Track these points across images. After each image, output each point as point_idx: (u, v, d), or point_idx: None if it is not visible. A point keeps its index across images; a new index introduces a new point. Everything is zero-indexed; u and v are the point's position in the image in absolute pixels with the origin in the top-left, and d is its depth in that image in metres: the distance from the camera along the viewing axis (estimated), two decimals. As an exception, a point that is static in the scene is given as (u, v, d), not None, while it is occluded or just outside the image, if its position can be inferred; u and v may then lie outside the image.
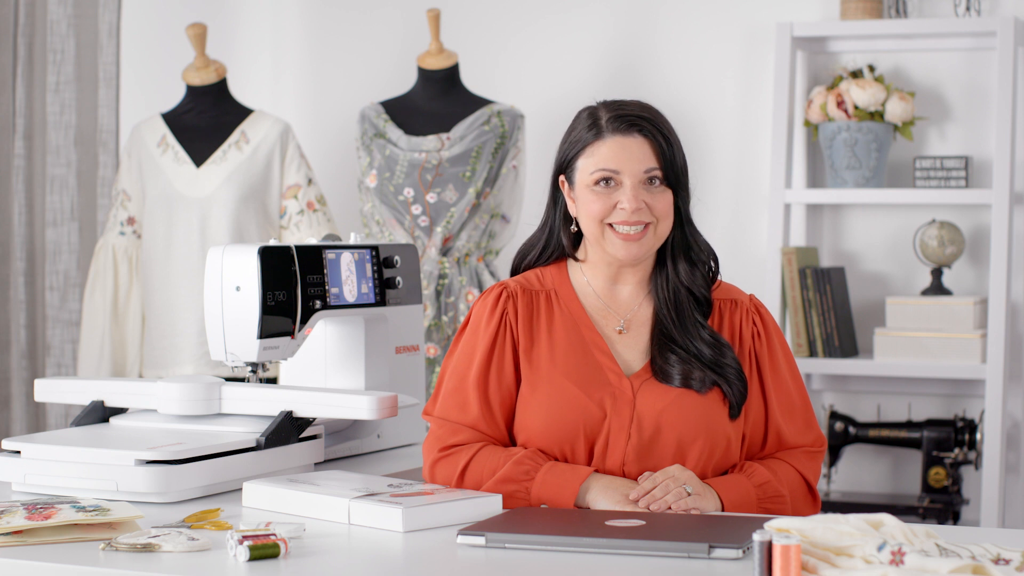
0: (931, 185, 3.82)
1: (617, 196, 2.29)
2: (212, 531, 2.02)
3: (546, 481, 2.21)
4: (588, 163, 2.31)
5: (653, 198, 2.29)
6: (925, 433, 3.83)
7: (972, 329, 3.77)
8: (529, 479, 2.22)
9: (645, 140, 2.29)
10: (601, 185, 2.29)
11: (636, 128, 2.30)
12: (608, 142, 2.30)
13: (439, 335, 3.81)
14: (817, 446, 2.35)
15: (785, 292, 3.86)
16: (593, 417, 2.26)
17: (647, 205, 2.28)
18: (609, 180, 2.29)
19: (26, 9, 4.07)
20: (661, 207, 2.29)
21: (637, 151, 2.29)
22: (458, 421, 2.30)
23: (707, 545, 1.88)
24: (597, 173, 2.30)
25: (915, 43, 3.93)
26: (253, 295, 2.52)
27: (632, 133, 2.29)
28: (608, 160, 2.29)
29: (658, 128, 2.31)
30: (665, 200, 2.30)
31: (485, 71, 4.22)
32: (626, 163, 2.28)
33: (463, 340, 2.36)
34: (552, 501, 2.21)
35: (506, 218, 3.92)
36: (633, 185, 2.28)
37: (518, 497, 2.22)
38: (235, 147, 3.81)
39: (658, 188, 2.30)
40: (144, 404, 2.52)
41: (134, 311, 3.87)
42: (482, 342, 2.33)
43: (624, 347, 2.33)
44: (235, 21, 4.48)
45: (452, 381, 2.34)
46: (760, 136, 4.05)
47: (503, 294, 2.35)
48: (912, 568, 1.64)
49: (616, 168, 2.29)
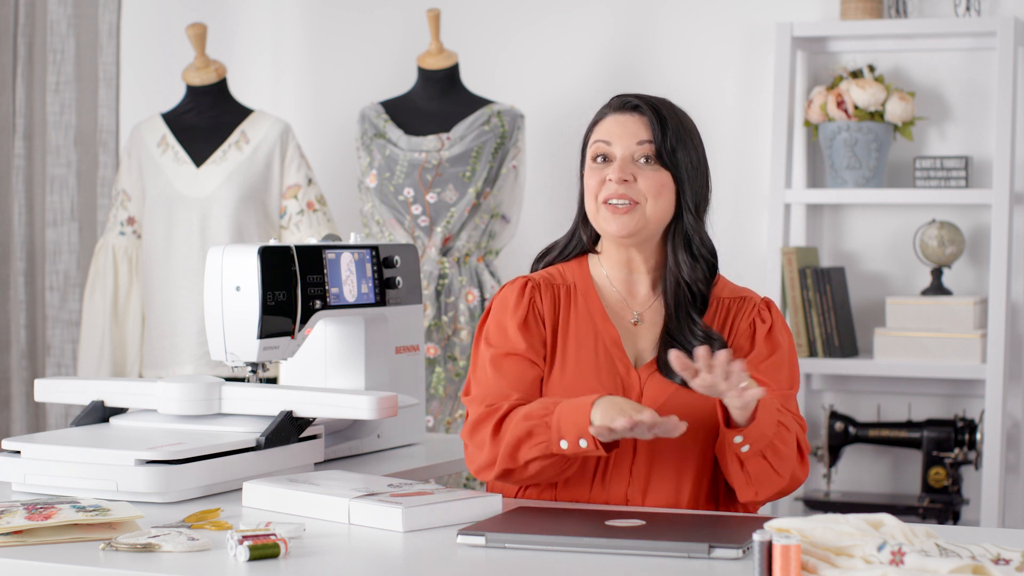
0: (931, 185, 3.82)
1: (608, 171, 2.32)
2: (212, 531, 2.02)
3: (563, 410, 2.19)
4: (590, 140, 2.37)
5: (642, 175, 2.31)
6: (925, 433, 3.83)
7: (972, 329, 3.77)
8: (549, 413, 2.20)
9: (640, 117, 2.34)
10: (598, 161, 2.35)
11: (634, 107, 2.35)
12: (607, 119, 2.36)
13: (439, 335, 3.81)
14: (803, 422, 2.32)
15: (785, 292, 3.86)
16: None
17: (635, 180, 2.30)
18: (605, 155, 2.34)
19: (26, 9, 4.07)
20: (649, 185, 2.31)
21: (631, 126, 2.33)
22: (502, 386, 2.30)
23: (707, 545, 1.88)
24: (592, 147, 2.36)
25: (915, 43, 3.93)
26: (253, 295, 2.52)
27: (629, 111, 2.35)
28: (604, 133, 2.35)
29: (655, 109, 2.34)
30: (655, 179, 2.31)
31: (485, 71, 4.22)
32: (618, 137, 2.33)
33: (491, 321, 2.36)
34: (568, 425, 2.18)
35: (506, 218, 3.92)
36: (623, 157, 2.32)
37: (537, 432, 2.20)
38: (235, 147, 3.81)
39: (649, 166, 2.32)
40: (144, 404, 2.52)
41: (134, 311, 3.87)
42: (513, 317, 2.34)
43: (637, 339, 2.35)
44: (235, 21, 4.48)
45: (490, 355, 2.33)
46: (760, 136, 4.05)
47: (528, 283, 2.37)
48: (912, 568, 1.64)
49: (609, 140, 2.33)
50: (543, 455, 2.21)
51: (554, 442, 2.19)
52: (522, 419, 2.23)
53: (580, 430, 2.16)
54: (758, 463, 2.22)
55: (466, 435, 2.31)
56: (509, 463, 2.24)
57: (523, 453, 2.22)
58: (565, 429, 2.18)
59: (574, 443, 2.17)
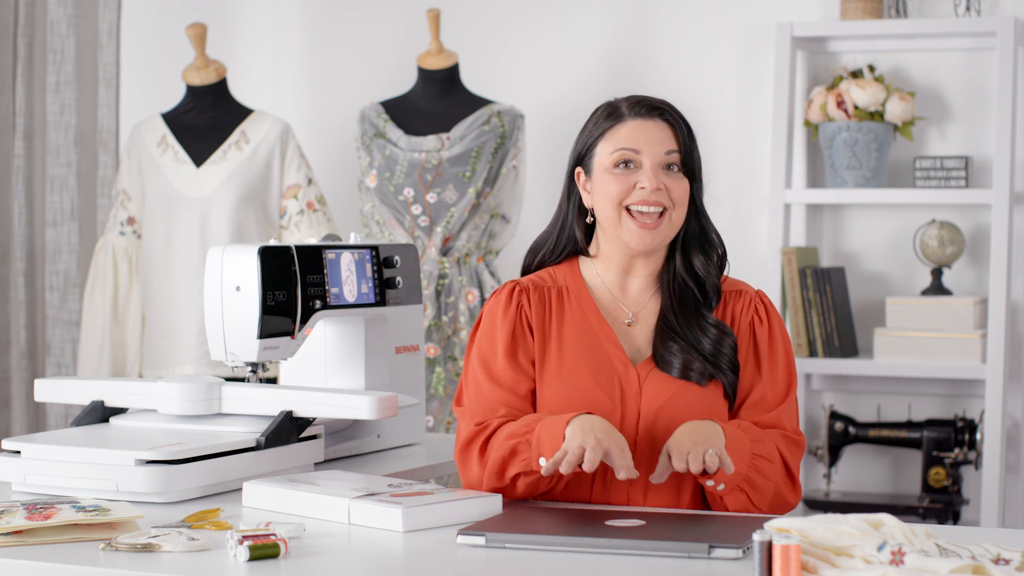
0: (931, 185, 3.82)
1: (636, 177, 2.30)
2: (212, 531, 2.02)
3: (543, 427, 2.20)
4: (607, 146, 2.32)
5: (672, 182, 2.30)
6: (925, 433, 3.83)
7: (972, 329, 3.77)
8: (530, 431, 2.21)
9: (666, 124, 2.32)
10: (621, 167, 2.31)
11: (657, 112, 2.33)
12: (629, 124, 2.32)
13: (439, 335, 3.81)
14: (797, 435, 2.32)
15: (785, 292, 3.86)
16: (604, 406, 2.26)
17: (666, 188, 2.29)
18: (629, 162, 2.31)
19: (26, 9, 4.07)
20: (678, 193, 2.31)
21: (658, 133, 2.31)
22: (492, 398, 2.30)
23: (707, 545, 1.88)
24: (617, 153, 2.31)
25: (915, 43, 3.93)
26: (253, 295, 2.52)
27: (653, 117, 2.32)
28: (629, 140, 2.31)
29: (678, 116, 2.33)
30: (682, 187, 2.31)
31: (485, 71, 4.22)
32: (646, 144, 2.30)
33: (481, 333, 2.37)
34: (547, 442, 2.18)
35: (506, 218, 3.92)
36: (653, 166, 2.30)
37: (520, 450, 2.21)
38: (235, 147, 3.81)
39: (676, 174, 2.32)
40: (144, 404, 2.52)
41: (134, 311, 3.87)
42: (502, 330, 2.34)
43: (633, 338, 2.34)
44: (235, 21, 4.48)
45: (479, 366, 2.34)
46: (760, 136, 4.05)
47: (516, 288, 2.37)
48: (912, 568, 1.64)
49: (636, 148, 2.30)
50: (526, 471, 2.22)
51: (534, 459, 2.20)
52: (506, 438, 2.23)
53: (556, 444, 2.17)
54: (736, 498, 2.23)
55: (457, 455, 2.32)
56: (496, 482, 2.25)
57: (508, 472, 2.23)
58: (544, 447, 2.19)
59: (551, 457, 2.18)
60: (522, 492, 2.26)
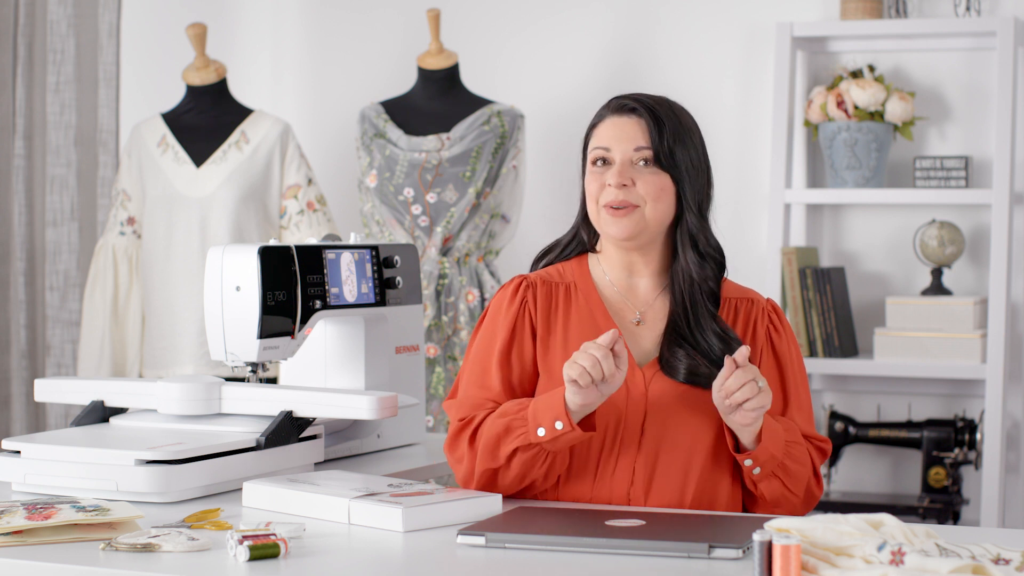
0: (931, 185, 3.82)
1: (607, 175, 2.32)
2: (212, 531, 2.02)
3: (538, 401, 2.21)
4: (590, 145, 2.37)
5: (641, 178, 2.31)
6: (925, 433, 3.83)
7: (972, 329, 3.77)
8: (524, 407, 2.23)
9: (639, 120, 2.33)
10: (598, 165, 2.34)
11: (631, 110, 2.34)
12: (606, 122, 2.35)
13: (439, 335, 3.81)
14: (825, 444, 2.36)
15: (785, 292, 3.86)
16: (608, 405, 2.26)
17: (634, 184, 2.30)
18: (604, 160, 2.33)
19: (26, 9, 4.07)
20: (649, 189, 2.31)
21: (629, 131, 2.32)
22: (479, 397, 2.31)
23: (707, 545, 1.88)
24: (593, 152, 2.35)
25: (915, 43, 3.93)
26: (253, 295, 2.52)
27: (627, 113, 2.34)
28: (603, 139, 2.34)
29: (653, 112, 2.33)
30: (655, 182, 2.31)
31: (485, 71, 4.22)
32: (616, 142, 2.32)
33: (483, 326, 2.38)
34: (544, 411, 2.19)
35: (506, 218, 3.92)
36: (621, 163, 2.32)
37: (515, 426, 2.22)
38: (235, 147, 3.81)
39: (648, 169, 2.32)
40: (144, 404, 2.52)
41: (134, 311, 3.87)
42: (503, 326, 2.34)
43: (639, 339, 2.34)
44: (235, 21, 4.48)
45: (474, 363, 2.35)
46: (760, 136, 4.05)
47: (523, 283, 2.38)
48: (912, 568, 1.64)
49: (608, 145, 2.33)
50: (523, 446, 2.21)
51: (532, 432, 2.20)
52: (497, 417, 2.25)
53: (555, 412, 2.18)
54: (771, 484, 2.25)
55: (446, 447, 2.33)
56: (490, 462, 2.24)
57: (503, 449, 2.23)
58: (541, 416, 2.19)
59: (551, 427, 2.18)
60: (516, 472, 2.24)
